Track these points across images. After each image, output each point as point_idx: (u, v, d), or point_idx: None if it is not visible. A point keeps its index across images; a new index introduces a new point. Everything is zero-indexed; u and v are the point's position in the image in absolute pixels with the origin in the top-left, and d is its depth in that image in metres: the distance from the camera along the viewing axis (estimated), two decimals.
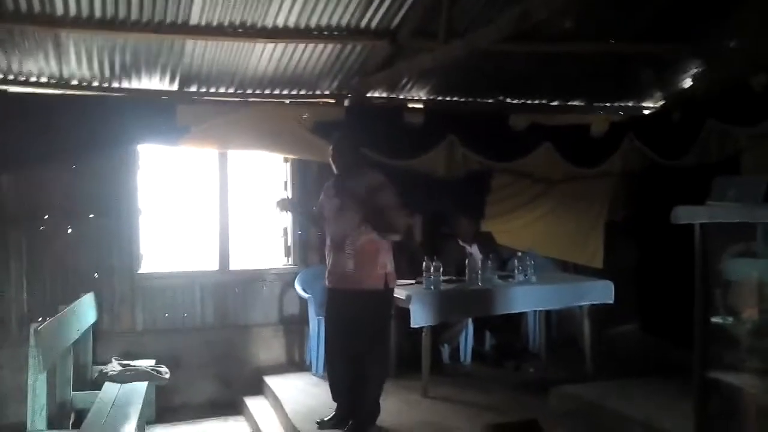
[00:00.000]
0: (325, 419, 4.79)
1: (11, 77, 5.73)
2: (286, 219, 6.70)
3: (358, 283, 4.53)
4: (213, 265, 6.45)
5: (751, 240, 3.68)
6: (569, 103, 7.47)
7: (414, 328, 5.33)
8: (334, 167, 4.76)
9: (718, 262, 3.81)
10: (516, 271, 5.92)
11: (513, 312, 5.79)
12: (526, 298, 5.73)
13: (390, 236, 4.59)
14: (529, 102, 7.32)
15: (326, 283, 4.75)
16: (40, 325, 4.05)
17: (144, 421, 4.99)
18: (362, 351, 4.57)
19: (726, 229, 3.73)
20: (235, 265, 6.50)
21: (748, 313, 3.71)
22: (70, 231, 5.88)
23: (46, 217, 5.82)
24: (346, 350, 4.65)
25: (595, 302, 5.98)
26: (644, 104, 7.65)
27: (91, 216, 5.94)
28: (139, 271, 6.16)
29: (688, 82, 7.23)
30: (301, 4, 5.20)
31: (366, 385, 4.63)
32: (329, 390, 4.85)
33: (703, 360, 3.80)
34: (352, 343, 4.59)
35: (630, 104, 7.63)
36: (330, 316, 4.77)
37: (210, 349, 6.23)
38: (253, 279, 6.50)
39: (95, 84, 5.96)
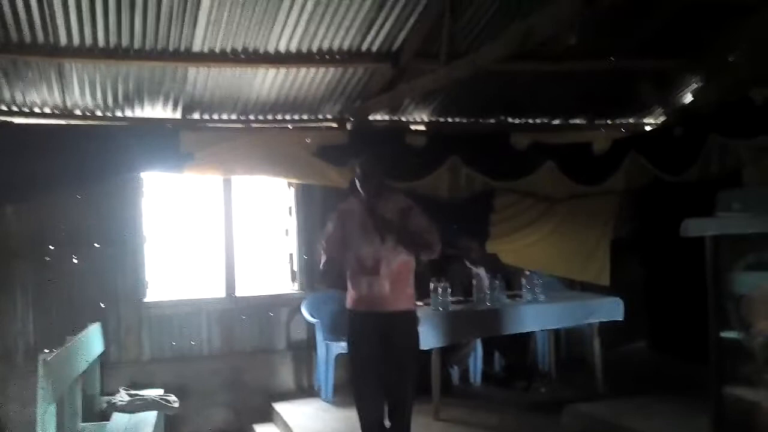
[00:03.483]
0: None
1: (15, 108, 5.76)
2: (292, 244, 6.68)
3: (393, 304, 4.40)
4: (219, 292, 6.42)
5: (763, 251, 3.66)
6: (570, 122, 7.49)
7: (423, 351, 5.28)
8: (362, 190, 4.50)
9: (730, 275, 3.79)
10: (524, 290, 5.89)
11: (522, 331, 5.75)
12: (535, 317, 5.69)
13: (427, 255, 4.49)
14: (530, 121, 7.34)
15: (354, 307, 4.52)
16: (49, 356, 4.01)
17: None
18: (398, 374, 4.42)
19: (736, 241, 3.72)
20: (241, 291, 6.48)
21: (762, 326, 3.68)
22: (75, 261, 5.86)
23: (51, 247, 5.80)
24: (378, 377, 4.45)
25: (604, 320, 5.94)
26: (645, 121, 7.67)
27: (97, 245, 5.92)
28: (145, 300, 6.14)
29: (689, 98, 7.25)
30: (303, 28, 5.24)
31: (406, 408, 4.49)
32: (356, 420, 4.52)
33: (718, 375, 3.77)
34: (386, 367, 4.41)
35: (631, 121, 7.65)
36: (360, 342, 4.50)
37: (218, 376, 6.18)
38: (259, 305, 6.46)
39: (98, 113, 6.00)
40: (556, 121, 7.44)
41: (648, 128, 7.67)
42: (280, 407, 5.91)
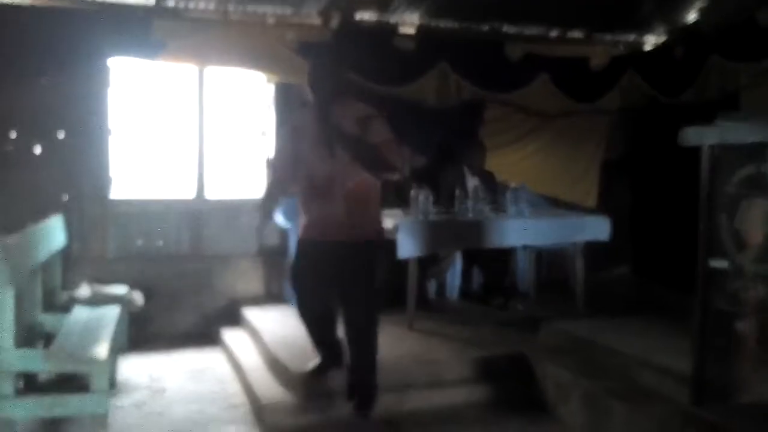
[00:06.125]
0: (313, 369, 4.31)
1: None
2: (268, 146, 6.39)
3: (349, 233, 3.89)
4: (189, 193, 6.18)
5: (762, 162, 3.46)
6: (568, 35, 7.14)
7: (400, 261, 5.08)
8: (312, 94, 4.02)
9: (725, 188, 3.60)
10: (508, 204, 5.67)
11: (504, 246, 5.60)
12: (518, 232, 5.49)
13: (387, 175, 3.95)
14: (526, 32, 6.98)
15: (305, 234, 4.05)
16: (7, 238, 3.79)
17: (117, 349, 4.75)
18: (352, 308, 4.02)
19: (734, 152, 3.51)
20: (212, 193, 6.25)
21: (754, 240, 3.53)
22: (37, 150, 5.56)
23: (13, 134, 5.50)
24: (325, 304, 4.13)
25: (590, 239, 5.73)
26: (646, 39, 7.33)
27: (60, 135, 5.62)
28: (110, 196, 5.90)
29: (692, 17, 6.92)
30: None
31: (365, 337, 4.07)
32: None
33: (706, 285, 3.60)
34: (340, 300, 4.06)
35: (631, 38, 7.30)
36: (308, 270, 4.03)
37: (186, 278, 5.99)
38: (231, 208, 6.24)
39: None
40: (554, 33, 7.08)
41: (648, 47, 7.36)
42: (249, 312, 5.75)
